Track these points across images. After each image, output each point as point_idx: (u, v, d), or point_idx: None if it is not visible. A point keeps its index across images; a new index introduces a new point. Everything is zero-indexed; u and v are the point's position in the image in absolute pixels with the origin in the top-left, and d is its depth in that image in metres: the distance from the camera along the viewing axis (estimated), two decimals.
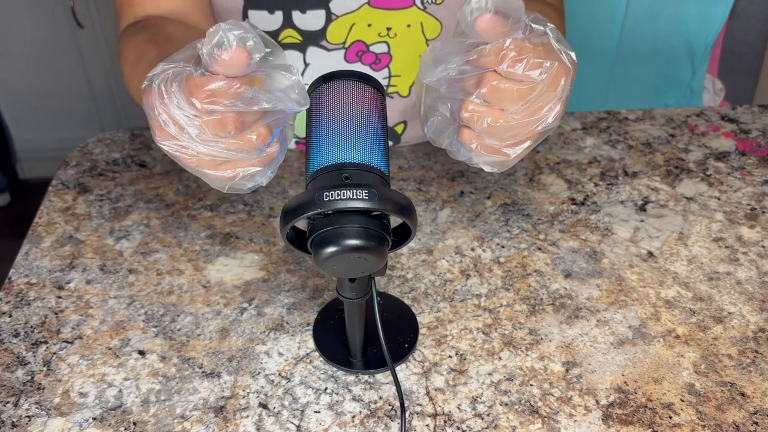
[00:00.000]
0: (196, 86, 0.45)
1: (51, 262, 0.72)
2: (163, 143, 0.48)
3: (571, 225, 0.77)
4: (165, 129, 0.46)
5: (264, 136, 0.48)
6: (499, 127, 0.49)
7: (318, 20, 0.77)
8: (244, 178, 0.50)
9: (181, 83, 0.45)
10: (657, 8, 1.10)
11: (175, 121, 0.46)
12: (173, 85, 0.45)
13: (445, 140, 0.53)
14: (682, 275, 0.70)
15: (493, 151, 0.52)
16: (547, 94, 0.48)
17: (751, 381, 0.59)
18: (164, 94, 0.45)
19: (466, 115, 0.49)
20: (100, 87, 2.18)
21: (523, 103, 0.48)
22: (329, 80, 0.50)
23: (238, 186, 0.51)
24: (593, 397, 0.58)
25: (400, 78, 0.83)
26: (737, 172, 0.85)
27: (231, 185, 0.50)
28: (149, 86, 0.47)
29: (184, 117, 0.45)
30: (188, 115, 0.45)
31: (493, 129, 0.50)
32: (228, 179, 0.50)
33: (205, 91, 0.44)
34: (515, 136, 0.51)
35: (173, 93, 0.45)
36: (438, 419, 0.57)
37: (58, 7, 2.01)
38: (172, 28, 0.70)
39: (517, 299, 0.68)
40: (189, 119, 0.45)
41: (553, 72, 0.48)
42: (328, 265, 0.48)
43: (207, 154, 0.47)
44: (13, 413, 0.58)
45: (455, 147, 0.53)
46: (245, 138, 0.47)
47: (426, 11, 0.78)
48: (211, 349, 0.63)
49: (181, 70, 0.46)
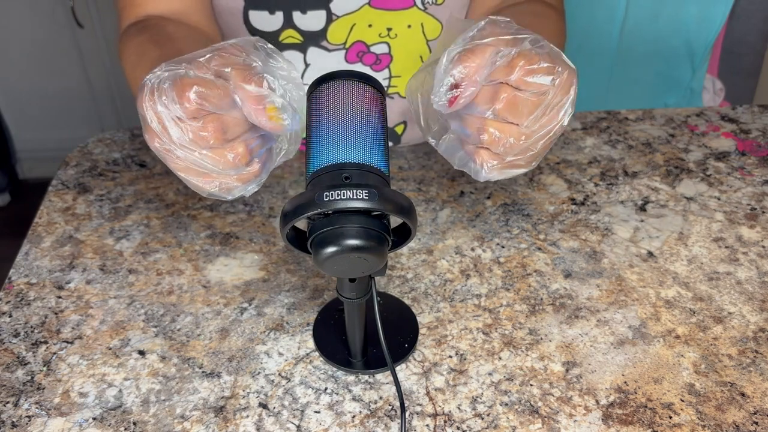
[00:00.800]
0: (188, 84, 0.45)
1: (51, 262, 0.73)
2: (153, 143, 0.48)
3: (571, 225, 0.77)
4: (149, 125, 0.47)
5: (242, 156, 0.48)
6: (521, 144, 0.50)
7: (318, 21, 0.77)
8: (222, 190, 0.50)
9: (174, 81, 0.45)
10: (657, 8, 1.10)
11: (160, 119, 0.46)
12: (166, 82, 0.46)
13: (458, 161, 0.54)
14: (682, 275, 0.70)
15: (513, 167, 0.52)
16: (559, 99, 0.49)
17: (751, 381, 0.59)
18: (155, 90, 0.46)
19: (486, 137, 0.50)
20: (100, 87, 2.18)
21: (538, 112, 0.48)
22: (329, 80, 0.50)
23: (217, 195, 0.51)
24: (593, 397, 0.58)
25: (400, 78, 0.83)
26: (737, 172, 0.85)
27: (210, 193, 0.51)
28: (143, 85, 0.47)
29: (169, 117, 0.46)
30: (173, 117, 0.46)
31: (515, 147, 0.50)
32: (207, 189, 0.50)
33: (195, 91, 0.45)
34: (534, 147, 0.51)
35: (164, 90, 0.46)
36: (438, 419, 0.57)
37: (58, 7, 2.02)
38: (173, 28, 0.71)
39: (517, 299, 0.68)
40: (173, 121, 0.46)
41: (564, 76, 0.48)
42: (328, 265, 0.48)
43: (184, 160, 0.48)
44: (13, 413, 0.58)
45: (471, 168, 0.53)
46: (222, 154, 0.47)
47: (427, 12, 0.78)
48: (211, 349, 0.63)
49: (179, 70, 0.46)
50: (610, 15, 1.11)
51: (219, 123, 0.47)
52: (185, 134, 0.46)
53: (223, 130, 0.47)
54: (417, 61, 0.82)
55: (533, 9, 0.76)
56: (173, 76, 0.46)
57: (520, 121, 0.49)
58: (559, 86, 0.48)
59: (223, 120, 0.47)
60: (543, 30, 0.72)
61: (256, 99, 0.46)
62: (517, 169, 0.53)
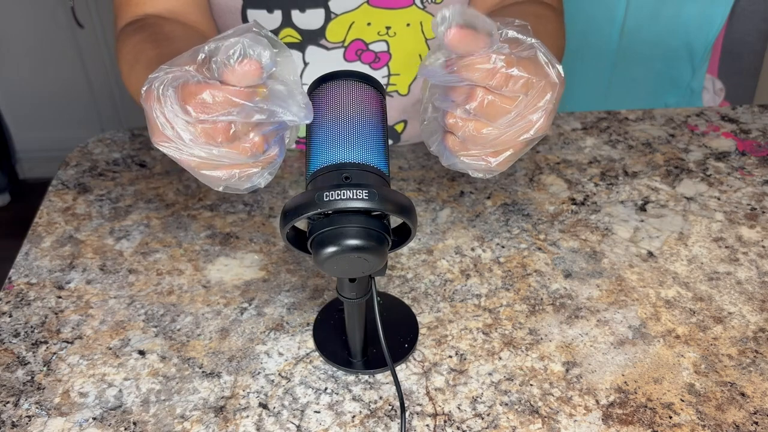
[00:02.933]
0: (190, 93, 0.45)
1: (51, 262, 0.73)
2: (161, 144, 0.48)
3: (571, 225, 0.77)
4: (162, 132, 0.47)
5: (258, 145, 0.48)
6: (482, 136, 0.50)
7: (317, 19, 0.77)
8: (241, 178, 0.50)
9: (177, 89, 0.45)
10: (657, 8, 1.10)
11: (172, 125, 0.46)
12: (169, 89, 0.45)
13: (433, 144, 0.54)
14: (682, 275, 0.70)
15: (476, 158, 0.52)
16: (531, 108, 0.49)
17: (751, 381, 0.60)
18: (161, 97, 0.46)
19: (451, 122, 0.50)
20: (100, 87, 2.18)
21: (509, 117, 0.48)
22: (329, 80, 0.50)
23: (234, 186, 0.51)
24: (593, 397, 0.58)
25: (399, 77, 0.83)
26: (737, 172, 0.85)
27: (227, 185, 0.50)
28: (149, 88, 0.47)
29: (180, 122, 0.46)
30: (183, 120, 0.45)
31: (476, 138, 0.50)
32: (223, 180, 0.50)
33: (198, 100, 0.44)
34: (496, 145, 0.51)
35: (168, 97, 0.45)
36: (438, 419, 0.57)
37: (58, 7, 2.01)
38: (170, 27, 0.71)
39: (517, 299, 0.68)
40: (184, 125, 0.46)
41: (539, 88, 0.48)
42: (328, 265, 0.48)
43: (201, 157, 0.48)
44: (13, 413, 0.58)
45: (441, 151, 0.54)
46: (238, 146, 0.47)
47: (425, 10, 0.78)
48: (211, 349, 0.63)
49: (181, 75, 0.46)
50: (610, 15, 1.11)
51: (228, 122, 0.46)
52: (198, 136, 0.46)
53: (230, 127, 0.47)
54: (416, 59, 0.82)
55: (532, 10, 0.76)
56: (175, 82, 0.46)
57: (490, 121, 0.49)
58: (533, 96, 0.48)
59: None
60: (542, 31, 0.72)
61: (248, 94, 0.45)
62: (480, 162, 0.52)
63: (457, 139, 0.51)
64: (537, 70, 0.48)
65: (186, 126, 0.46)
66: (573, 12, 1.04)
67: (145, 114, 0.48)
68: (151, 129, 0.48)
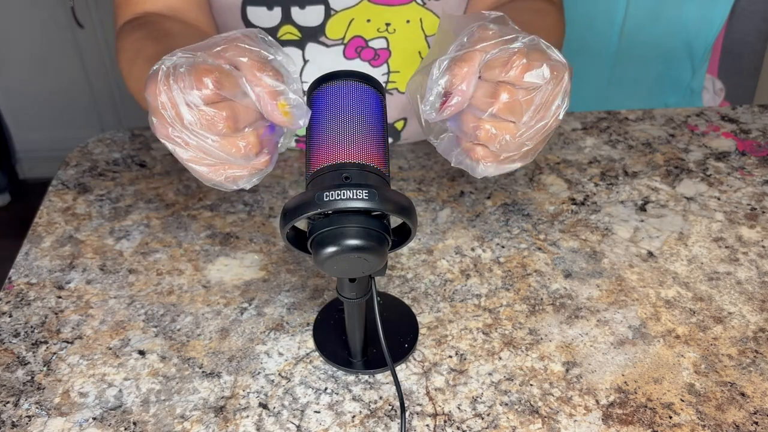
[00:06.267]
0: (206, 70, 0.45)
1: (51, 262, 0.72)
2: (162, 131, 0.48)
3: (571, 225, 0.77)
4: (162, 114, 0.47)
5: (253, 145, 0.48)
6: (517, 141, 0.50)
7: (317, 16, 0.76)
8: (228, 179, 0.51)
9: (192, 66, 0.46)
10: (657, 9, 1.10)
11: (174, 103, 0.46)
12: (183, 67, 0.46)
13: (455, 158, 0.54)
14: (682, 275, 0.70)
15: (508, 162, 0.53)
16: (553, 93, 0.49)
17: (751, 381, 0.59)
18: (170, 75, 0.46)
19: (482, 134, 0.50)
20: (100, 87, 2.18)
21: (534, 109, 0.49)
22: (329, 80, 0.50)
23: (220, 185, 0.52)
24: (593, 397, 0.58)
25: (399, 74, 0.83)
26: (737, 172, 0.85)
27: (214, 183, 0.51)
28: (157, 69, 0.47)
29: (183, 102, 0.46)
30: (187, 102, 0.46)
31: (511, 144, 0.50)
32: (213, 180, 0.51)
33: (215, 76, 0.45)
34: (529, 141, 0.51)
35: (181, 75, 0.46)
36: (438, 419, 0.57)
37: (58, 7, 2.01)
38: (170, 25, 0.71)
39: (517, 299, 0.68)
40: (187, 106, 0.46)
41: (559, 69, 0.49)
42: (328, 265, 0.48)
43: (195, 147, 0.48)
44: (13, 413, 0.58)
45: (467, 164, 0.54)
46: (233, 142, 0.48)
47: (425, 7, 0.78)
48: (211, 349, 0.63)
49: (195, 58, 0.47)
50: (610, 15, 1.11)
51: (232, 110, 0.47)
52: (198, 120, 0.46)
53: (235, 118, 0.47)
54: (416, 56, 0.82)
55: (531, 5, 0.76)
56: (191, 61, 0.46)
57: (517, 119, 0.49)
58: (551, 81, 0.48)
59: (236, 108, 0.47)
60: (541, 25, 0.72)
61: (271, 93, 0.47)
62: (513, 164, 0.54)
63: (489, 150, 0.51)
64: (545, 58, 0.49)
65: (189, 109, 0.46)
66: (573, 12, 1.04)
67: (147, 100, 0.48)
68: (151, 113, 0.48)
